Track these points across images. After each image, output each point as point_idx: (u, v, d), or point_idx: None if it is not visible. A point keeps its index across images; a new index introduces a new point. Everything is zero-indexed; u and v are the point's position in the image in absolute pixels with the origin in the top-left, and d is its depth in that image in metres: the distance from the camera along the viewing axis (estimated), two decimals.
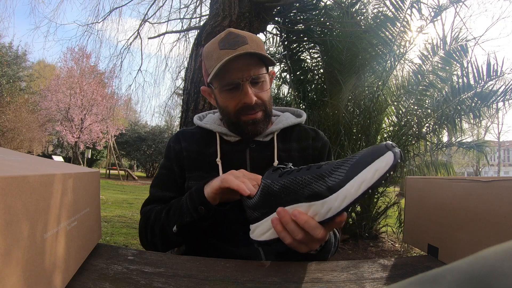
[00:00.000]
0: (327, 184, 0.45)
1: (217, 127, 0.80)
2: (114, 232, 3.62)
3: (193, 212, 0.63)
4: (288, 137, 0.82)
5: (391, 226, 3.59)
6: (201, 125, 0.82)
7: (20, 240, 0.27)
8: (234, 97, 0.72)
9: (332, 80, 3.29)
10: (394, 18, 3.03)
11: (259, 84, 0.73)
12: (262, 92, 0.74)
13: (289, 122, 0.81)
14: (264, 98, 0.74)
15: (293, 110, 0.90)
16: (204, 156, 0.78)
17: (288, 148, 0.80)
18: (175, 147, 0.81)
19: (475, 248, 0.49)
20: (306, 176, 0.47)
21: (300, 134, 0.84)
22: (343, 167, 0.45)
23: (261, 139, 0.78)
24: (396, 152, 0.43)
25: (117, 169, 13.51)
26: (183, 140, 0.82)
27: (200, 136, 0.82)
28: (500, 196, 0.45)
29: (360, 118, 3.53)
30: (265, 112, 0.75)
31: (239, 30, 0.74)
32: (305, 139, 0.83)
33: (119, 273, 0.45)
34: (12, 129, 13.96)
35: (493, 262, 0.12)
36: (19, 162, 0.38)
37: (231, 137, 0.79)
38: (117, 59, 5.67)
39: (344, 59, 3.16)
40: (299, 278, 0.47)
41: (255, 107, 0.72)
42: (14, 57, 15.83)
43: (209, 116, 0.87)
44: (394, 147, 0.43)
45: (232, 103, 0.73)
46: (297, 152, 0.80)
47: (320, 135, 0.86)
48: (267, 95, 0.75)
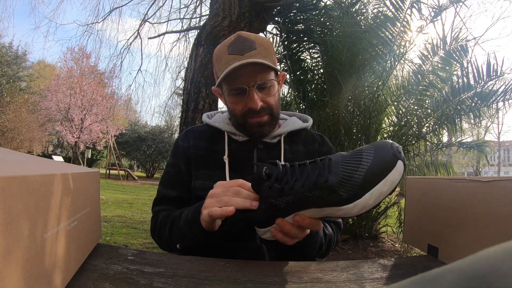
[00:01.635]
0: (341, 197, 0.44)
1: (226, 126, 0.81)
2: (114, 232, 3.62)
3: (193, 239, 0.62)
4: (294, 140, 0.83)
5: (391, 226, 3.59)
6: (210, 123, 0.83)
7: (20, 240, 0.27)
8: (240, 101, 0.74)
9: (332, 80, 3.29)
10: (394, 18, 3.03)
11: (266, 89, 0.75)
12: (269, 96, 0.75)
13: (296, 125, 0.83)
14: (270, 102, 0.76)
15: (300, 115, 0.93)
16: (212, 153, 0.79)
17: (295, 151, 0.82)
18: (183, 145, 0.83)
19: (475, 248, 0.48)
20: (315, 192, 0.45)
21: (307, 138, 0.86)
22: (354, 177, 0.44)
23: (268, 140, 0.80)
24: (404, 158, 0.44)
25: (117, 169, 13.51)
26: (192, 137, 0.83)
27: (208, 134, 0.83)
28: (500, 196, 0.45)
29: (360, 118, 3.53)
30: (271, 115, 0.77)
31: (248, 34, 0.75)
32: (311, 143, 0.85)
33: (119, 273, 0.45)
34: (12, 129, 13.96)
35: (493, 262, 0.12)
36: (19, 162, 0.38)
37: (239, 136, 0.80)
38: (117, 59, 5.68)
39: (344, 59, 3.16)
40: (299, 278, 0.47)
41: (261, 111, 0.74)
42: (14, 57, 15.84)
43: (218, 115, 0.88)
44: (400, 153, 0.44)
45: (239, 106, 0.75)
46: (303, 155, 0.81)
47: (326, 140, 0.89)
48: (274, 99, 0.77)
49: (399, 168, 0.44)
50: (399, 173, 0.44)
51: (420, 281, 0.14)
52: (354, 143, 3.41)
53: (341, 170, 0.45)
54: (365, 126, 3.43)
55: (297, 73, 3.66)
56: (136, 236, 3.48)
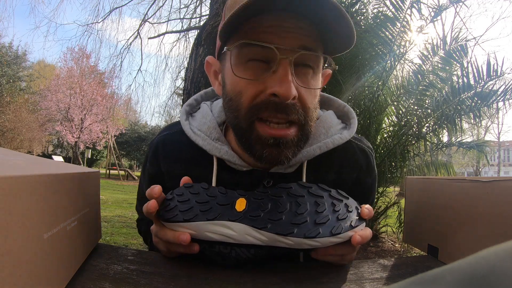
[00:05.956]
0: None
1: (214, 147, 0.50)
2: (114, 232, 3.62)
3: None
4: (324, 164, 0.53)
5: (391, 226, 3.59)
6: (190, 136, 0.53)
7: (20, 240, 0.27)
8: (256, 78, 0.42)
9: (332, 80, 3.28)
10: (394, 18, 3.03)
11: (308, 75, 0.43)
12: (308, 90, 0.43)
13: (329, 144, 0.51)
14: (307, 101, 0.44)
15: (338, 104, 0.58)
16: (193, 181, 0.49)
17: (321, 180, 0.48)
18: (150, 171, 0.58)
19: (475, 248, 0.48)
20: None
21: (345, 159, 0.55)
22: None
23: (282, 170, 0.51)
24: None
25: (117, 169, 13.51)
26: (163, 157, 0.56)
27: (188, 148, 0.54)
28: (500, 196, 0.45)
29: (360, 118, 3.52)
30: (303, 129, 0.45)
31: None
32: (350, 169, 0.55)
33: (119, 273, 0.45)
34: (12, 129, 13.96)
35: (493, 262, 0.12)
36: (19, 162, 0.38)
37: (237, 165, 0.51)
38: (117, 59, 5.70)
39: (344, 59, 3.15)
40: (299, 278, 0.47)
41: (291, 111, 0.41)
42: (14, 57, 15.84)
43: (203, 113, 0.55)
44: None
45: (251, 90, 0.42)
46: (332, 186, 0.45)
47: (372, 164, 0.57)
48: (313, 99, 0.45)
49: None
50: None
51: (420, 281, 0.14)
52: None
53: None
54: (365, 126, 3.43)
55: None
56: (136, 236, 3.48)
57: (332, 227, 0.40)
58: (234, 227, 0.42)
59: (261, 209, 0.42)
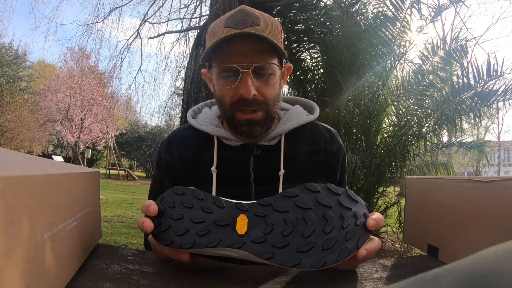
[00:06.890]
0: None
1: (214, 129, 0.68)
2: (114, 232, 3.62)
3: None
4: (297, 139, 0.70)
5: (391, 226, 3.59)
6: (195, 125, 0.70)
7: (20, 240, 0.27)
8: (231, 86, 0.61)
9: (332, 80, 3.29)
10: (394, 18, 3.03)
11: (265, 76, 0.61)
12: (266, 86, 0.61)
13: (299, 121, 0.69)
14: (267, 95, 0.62)
15: (304, 101, 0.78)
16: (199, 165, 0.67)
17: (297, 153, 0.69)
18: (165, 158, 0.71)
19: (475, 248, 0.48)
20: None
21: (313, 134, 0.72)
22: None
23: (266, 142, 0.67)
24: None
25: (117, 169, 13.52)
26: (175, 147, 0.71)
27: (195, 140, 0.70)
28: (500, 196, 0.45)
29: (360, 118, 3.53)
30: (266, 113, 0.63)
31: (253, 9, 0.62)
32: (317, 141, 0.72)
33: (119, 273, 0.45)
34: (12, 129, 13.96)
35: (493, 262, 0.12)
36: (19, 162, 0.38)
37: (232, 141, 0.67)
38: (117, 59, 5.69)
39: (344, 59, 3.16)
40: (299, 278, 0.47)
41: (253, 103, 0.60)
42: (14, 57, 15.83)
43: (205, 112, 0.75)
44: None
45: (229, 93, 0.61)
46: (307, 157, 0.69)
47: (336, 137, 0.74)
48: (272, 92, 0.62)
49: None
50: None
51: (420, 281, 0.14)
52: (354, 143, 3.41)
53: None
54: (365, 126, 3.43)
55: (297, 73, 3.66)
56: (136, 236, 3.48)
57: (338, 253, 0.39)
58: (237, 252, 0.42)
59: (265, 232, 0.41)
